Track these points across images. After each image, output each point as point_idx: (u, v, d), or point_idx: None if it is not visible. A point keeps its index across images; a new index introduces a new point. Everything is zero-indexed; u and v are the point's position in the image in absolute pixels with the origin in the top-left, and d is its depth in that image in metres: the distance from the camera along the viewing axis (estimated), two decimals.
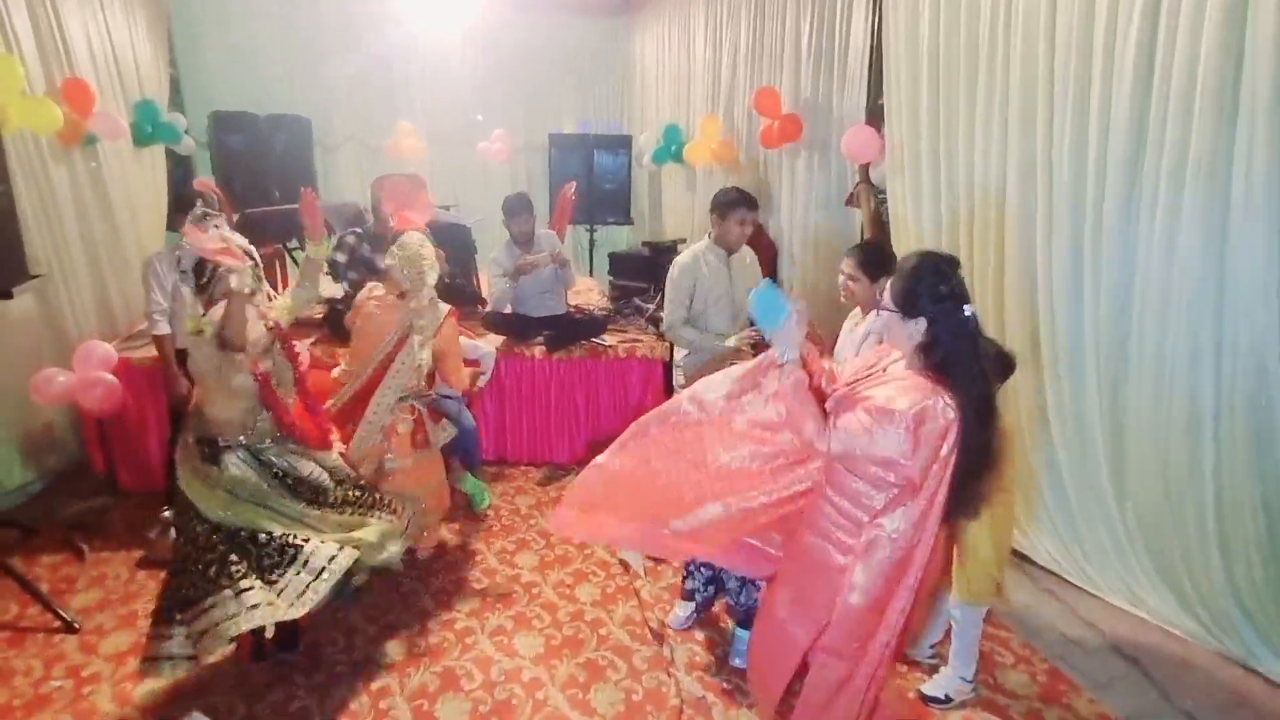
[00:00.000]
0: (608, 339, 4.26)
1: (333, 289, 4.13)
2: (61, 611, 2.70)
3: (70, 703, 2.34)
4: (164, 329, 3.25)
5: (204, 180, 5.33)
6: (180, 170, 5.79)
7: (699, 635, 2.69)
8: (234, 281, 2.19)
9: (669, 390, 4.22)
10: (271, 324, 2.36)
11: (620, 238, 7.43)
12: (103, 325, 4.17)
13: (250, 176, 5.61)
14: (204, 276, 2.24)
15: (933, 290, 1.62)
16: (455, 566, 3.14)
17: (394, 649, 2.60)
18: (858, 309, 2.59)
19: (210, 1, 6.23)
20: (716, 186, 5.40)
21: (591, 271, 6.63)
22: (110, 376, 3.39)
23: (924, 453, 1.59)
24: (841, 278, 2.55)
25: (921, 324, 1.63)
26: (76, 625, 2.68)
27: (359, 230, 4.08)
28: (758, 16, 4.74)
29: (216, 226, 2.22)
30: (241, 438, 2.29)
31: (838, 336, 2.70)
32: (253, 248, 2.31)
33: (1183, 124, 2.26)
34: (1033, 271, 2.85)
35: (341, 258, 3.96)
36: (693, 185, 5.96)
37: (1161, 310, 2.44)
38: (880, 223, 3.93)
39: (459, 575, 3.08)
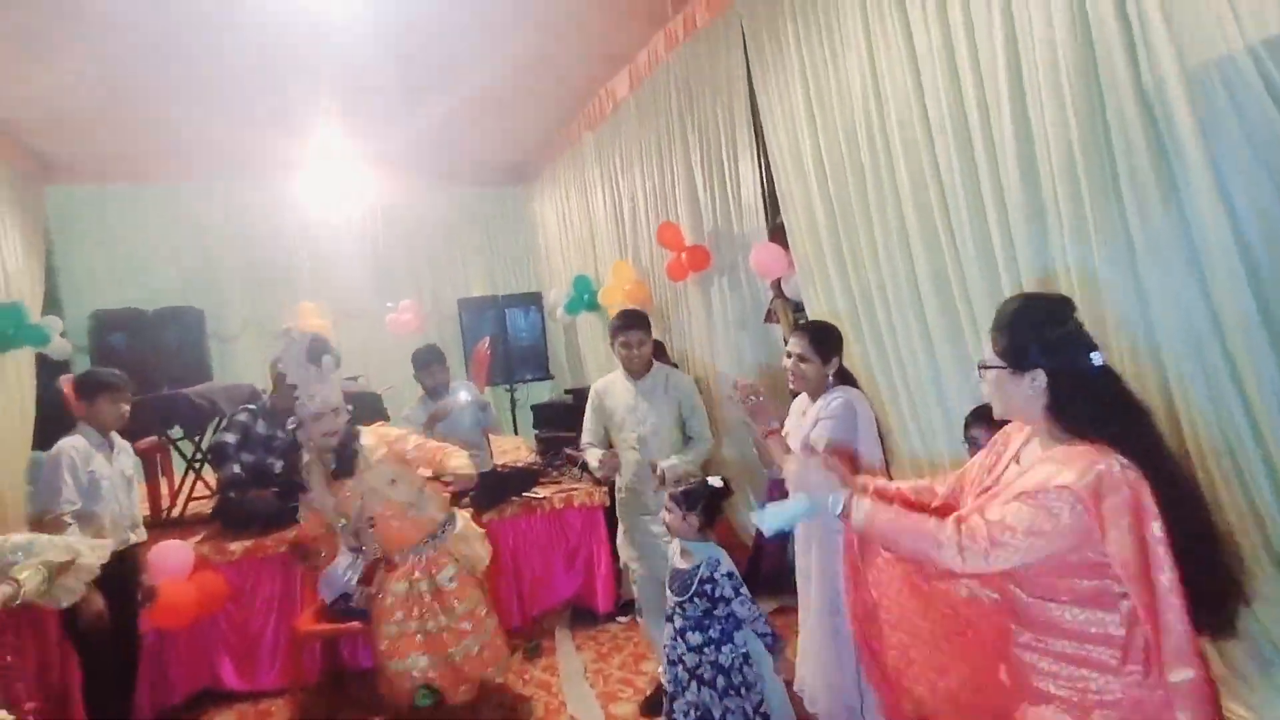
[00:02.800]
0: (541, 491, 3.92)
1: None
2: None
3: None
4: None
5: (67, 377, 4.91)
6: (55, 378, 5.33)
7: None
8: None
9: (613, 538, 3.87)
10: None
11: (541, 394, 7.25)
12: None
13: (135, 376, 5.19)
14: None
15: (1043, 336, 1.35)
16: None
17: None
18: (803, 395, 2.43)
19: (89, 202, 6.09)
20: None
21: (516, 430, 6.36)
22: None
23: (1121, 538, 1.22)
24: (789, 361, 2.41)
25: (1040, 378, 1.35)
26: None
27: (252, 407, 3.73)
28: (651, 163, 4.96)
29: None
30: None
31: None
32: None
33: (1070, 189, 2.29)
34: (970, 375, 2.72)
35: (231, 438, 3.57)
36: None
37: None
38: None
39: None
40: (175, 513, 4.28)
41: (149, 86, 4.52)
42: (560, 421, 4.86)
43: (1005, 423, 1.99)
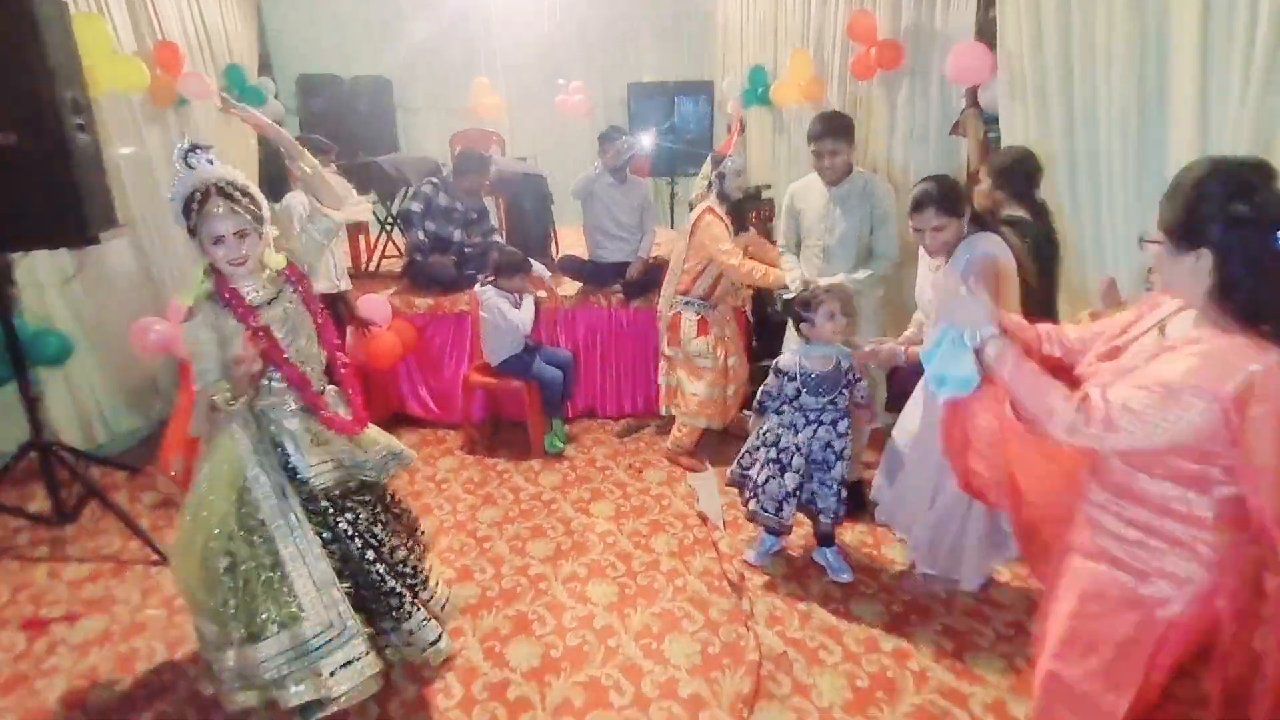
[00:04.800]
0: None
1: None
2: (158, 546, 2.81)
3: (163, 630, 2.43)
4: None
5: None
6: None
7: (780, 589, 2.52)
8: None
9: (749, 340, 4.00)
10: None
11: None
12: None
13: (334, 138, 5.69)
14: (190, 217, 1.78)
15: (1225, 210, 1.15)
16: (530, 514, 3.09)
17: (466, 592, 2.55)
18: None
19: None
20: (805, 127, 5.08)
21: (673, 225, 6.44)
22: None
23: (1262, 446, 1.13)
24: (927, 237, 2.20)
25: (1205, 258, 1.17)
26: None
27: (435, 180, 4.04)
28: None
29: (209, 161, 1.83)
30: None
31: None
32: (247, 182, 1.88)
33: None
34: None
35: (417, 207, 3.93)
36: (780, 128, 5.62)
37: None
38: (989, 152, 3.54)
39: (534, 523, 3.02)
40: (371, 267, 4.89)
41: None
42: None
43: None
